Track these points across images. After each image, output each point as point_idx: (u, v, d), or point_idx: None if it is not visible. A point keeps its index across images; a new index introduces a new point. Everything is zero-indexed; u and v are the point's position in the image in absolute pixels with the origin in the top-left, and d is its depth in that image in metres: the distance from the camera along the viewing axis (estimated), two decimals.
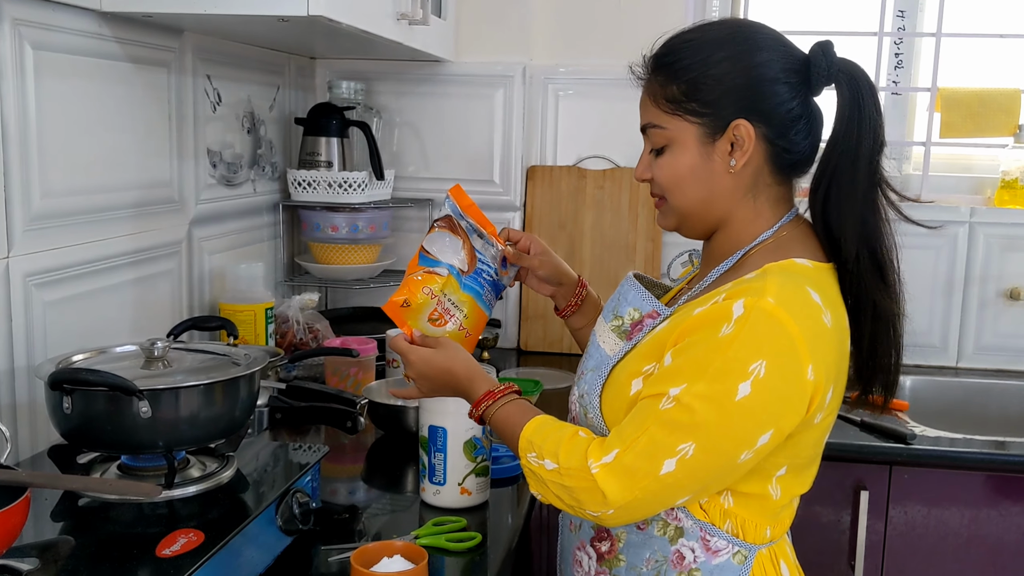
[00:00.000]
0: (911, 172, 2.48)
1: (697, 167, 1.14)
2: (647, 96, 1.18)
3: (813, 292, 1.08)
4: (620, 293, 1.26)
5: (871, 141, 1.12)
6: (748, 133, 1.11)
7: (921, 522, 1.83)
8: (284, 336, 2.05)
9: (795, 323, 1.03)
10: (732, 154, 1.13)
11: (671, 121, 1.14)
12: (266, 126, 2.19)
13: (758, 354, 1.02)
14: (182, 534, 1.07)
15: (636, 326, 1.19)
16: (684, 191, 1.16)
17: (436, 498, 1.42)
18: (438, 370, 1.26)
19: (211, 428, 1.24)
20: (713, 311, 1.06)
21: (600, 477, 1.05)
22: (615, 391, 1.16)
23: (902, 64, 2.46)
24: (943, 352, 2.37)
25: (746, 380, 1.02)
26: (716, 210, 1.17)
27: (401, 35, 1.88)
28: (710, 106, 1.12)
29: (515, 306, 2.44)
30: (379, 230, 2.29)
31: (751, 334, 1.03)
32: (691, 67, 1.13)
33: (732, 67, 1.11)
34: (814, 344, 1.04)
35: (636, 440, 1.05)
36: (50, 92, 1.42)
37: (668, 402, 1.04)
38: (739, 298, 1.05)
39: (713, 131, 1.13)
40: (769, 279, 1.07)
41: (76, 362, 1.26)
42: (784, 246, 1.15)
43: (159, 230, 1.75)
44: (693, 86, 1.12)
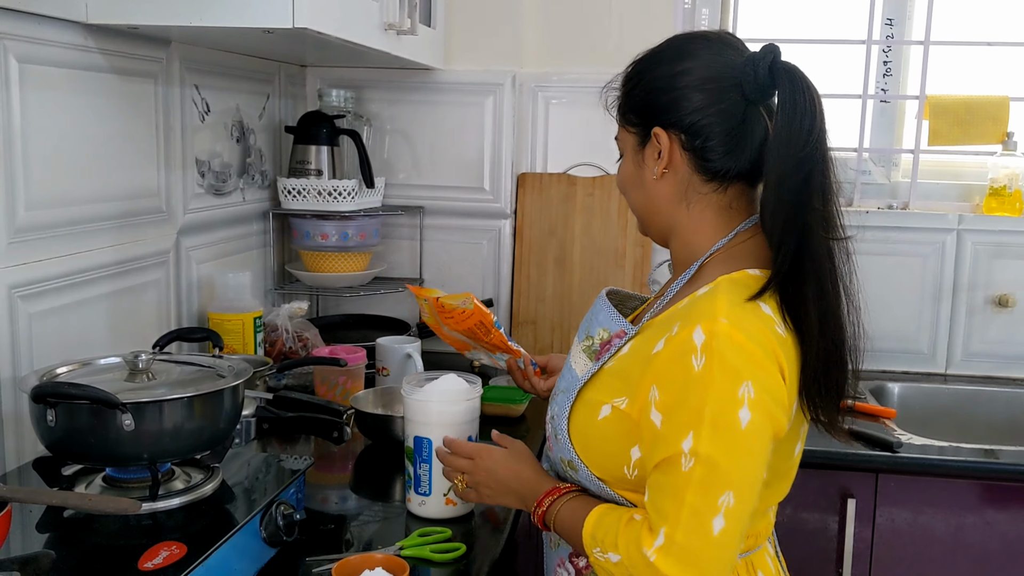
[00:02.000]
0: (900, 179, 2.49)
1: (632, 174, 1.21)
2: (611, 110, 1.26)
3: (763, 304, 1.07)
4: (592, 312, 1.27)
5: (810, 148, 1.06)
6: (664, 141, 1.14)
7: (907, 530, 1.84)
8: (273, 345, 2.06)
9: (749, 341, 1.03)
10: (656, 161, 1.16)
11: (620, 131, 1.23)
12: (255, 135, 2.19)
13: (739, 377, 1.02)
14: (165, 547, 1.08)
15: (605, 346, 1.20)
16: (629, 196, 1.24)
17: (422, 508, 1.43)
18: (511, 473, 1.26)
19: (195, 440, 1.24)
20: (675, 347, 1.05)
21: (659, 563, 1.02)
22: (583, 414, 1.16)
23: (890, 72, 2.46)
24: (931, 359, 2.38)
25: (741, 406, 1.02)
26: (658, 217, 1.21)
27: (389, 45, 1.89)
28: (639, 115, 1.18)
29: (506, 313, 2.44)
30: (369, 238, 2.30)
31: (722, 360, 1.02)
32: (630, 80, 1.20)
33: (658, 77, 1.15)
34: (775, 353, 1.05)
35: (678, 514, 1.02)
36: (35, 105, 1.43)
37: (687, 460, 1.02)
38: (693, 325, 1.04)
39: (642, 140, 1.18)
40: (719, 299, 1.06)
41: (60, 375, 1.26)
42: (738, 256, 1.14)
43: (146, 240, 1.75)
44: (629, 97, 1.19)
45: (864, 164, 2.44)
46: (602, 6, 2.36)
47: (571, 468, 1.18)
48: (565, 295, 2.39)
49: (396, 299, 2.44)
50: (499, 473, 1.27)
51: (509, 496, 1.27)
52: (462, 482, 1.31)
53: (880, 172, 2.48)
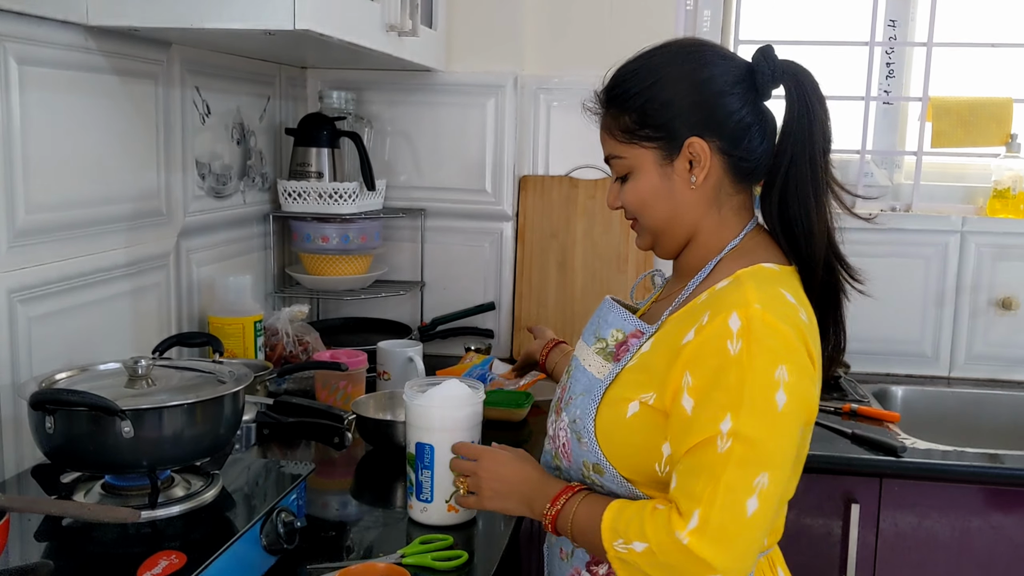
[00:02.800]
0: (903, 181, 2.48)
1: (658, 188, 1.18)
2: (603, 130, 1.22)
3: (786, 293, 1.11)
4: (599, 316, 1.27)
5: (821, 139, 1.15)
6: (703, 149, 1.15)
7: (912, 534, 1.83)
8: (274, 349, 2.04)
9: (783, 323, 1.06)
10: (692, 171, 1.16)
11: (628, 150, 1.19)
12: (256, 137, 2.18)
13: (775, 359, 1.04)
14: (164, 556, 1.07)
15: (621, 347, 1.20)
16: (651, 211, 1.20)
17: (423, 515, 1.41)
18: (517, 474, 1.23)
19: (195, 447, 1.23)
20: (709, 334, 1.07)
21: (694, 545, 1.01)
22: (611, 414, 1.16)
23: (893, 74, 2.46)
24: (935, 362, 2.37)
25: (779, 389, 1.04)
26: (684, 225, 1.20)
27: (390, 46, 1.88)
28: (662, 129, 1.16)
29: (508, 316, 2.43)
30: (370, 240, 2.29)
31: (760, 343, 1.04)
32: (639, 95, 1.16)
33: (679, 88, 1.15)
34: (804, 339, 1.08)
35: (714, 494, 1.02)
36: (35, 106, 1.42)
37: (724, 441, 1.03)
38: (728, 311, 1.06)
39: (669, 152, 1.16)
40: (746, 286, 1.09)
41: (59, 381, 1.25)
42: (750, 252, 1.18)
43: (147, 243, 1.74)
44: (643, 113, 1.16)
45: (867, 166, 2.43)
46: (603, 8, 2.35)
47: (596, 472, 1.17)
48: (567, 300, 2.38)
49: (397, 302, 2.43)
50: (504, 475, 1.24)
51: (513, 499, 1.23)
52: (464, 485, 1.28)
53: (883, 174, 2.47)
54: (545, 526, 1.20)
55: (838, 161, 2.44)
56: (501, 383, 2.03)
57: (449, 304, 2.42)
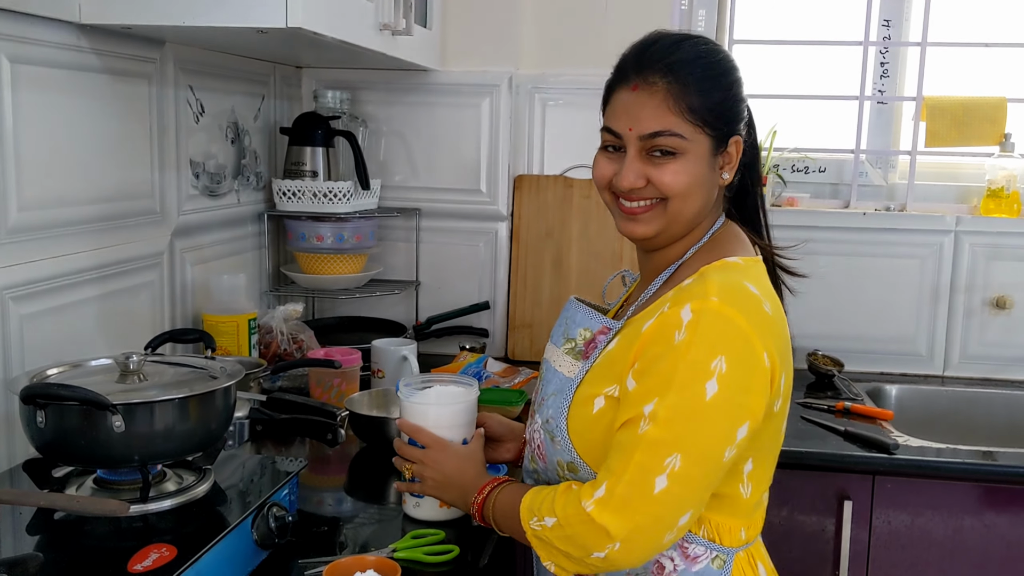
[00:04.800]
0: (897, 181, 2.48)
1: (705, 179, 1.17)
2: (662, 100, 1.14)
3: (750, 285, 1.12)
4: (566, 317, 1.29)
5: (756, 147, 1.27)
6: (739, 146, 1.19)
7: (905, 532, 1.83)
8: (268, 347, 2.05)
9: (741, 315, 1.07)
10: (723, 167, 1.19)
11: (692, 131, 1.15)
12: (251, 136, 2.18)
13: (715, 351, 1.05)
14: (155, 549, 1.07)
15: (589, 344, 1.22)
16: (691, 199, 1.17)
17: (417, 511, 1.41)
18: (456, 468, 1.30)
19: (186, 442, 1.23)
20: (662, 323, 1.09)
21: (596, 513, 1.06)
22: (580, 411, 1.17)
23: (887, 73, 2.46)
24: (929, 361, 2.37)
25: (710, 378, 1.04)
26: (700, 218, 1.21)
27: (384, 45, 1.88)
28: (721, 122, 1.16)
29: (503, 315, 2.44)
30: (365, 240, 2.29)
31: (704, 334, 1.06)
32: (713, 82, 1.16)
33: (734, 86, 1.18)
34: (762, 332, 1.08)
35: (624, 469, 1.06)
36: (27, 105, 1.42)
37: (645, 423, 1.06)
38: (684, 304, 1.08)
39: (719, 146, 1.17)
40: (709, 280, 1.11)
41: (50, 376, 1.25)
42: (717, 247, 1.20)
43: (140, 241, 1.75)
44: (713, 101, 1.15)
45: (861, 166, 2.43)
46: (598, 7, 2.36)
47: (571, 470, 1.18)
48: (562, 298, 2.38)
49: (392, 301, 2.44)
50: (446, 467, 1.30)
51: (452, 491, 1.30)
52: (409, 471, 1.33)
53: (877, 174, 2.48)
54: (473, 515, 1.26)
55: (833, 161, 2.47)
56: (495, 381, 2.03)
57: (444, 303, 2.42)
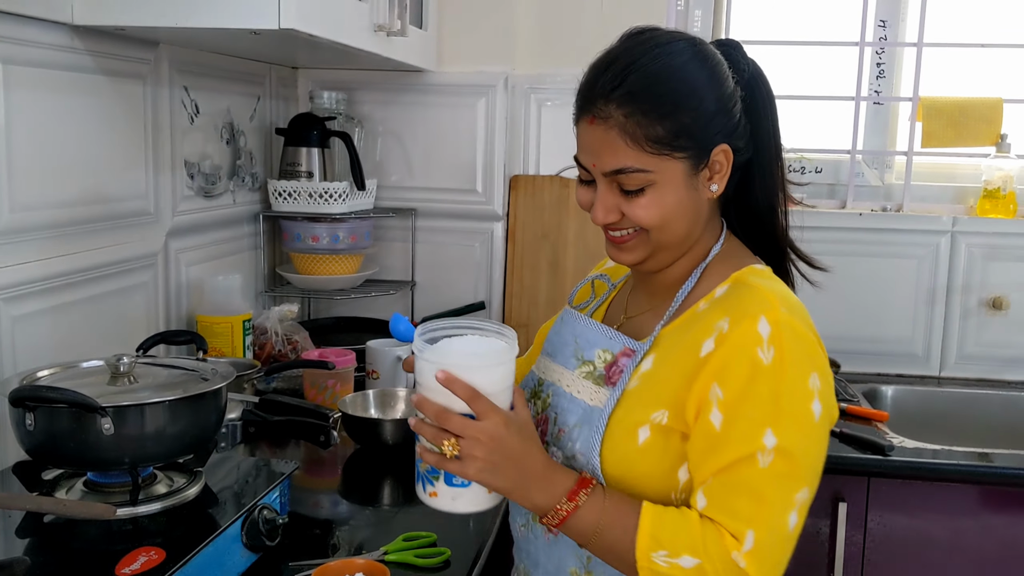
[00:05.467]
0: (893, 182, 2.48)
1: (684, 201, 1.07)
2: (618, 136, 1.03)
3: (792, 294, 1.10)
4: (573, 334, 1.18)
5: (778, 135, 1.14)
6: (727, 155, 1.08)
7: (900, 534, 1.83)
8: (263, 348, 2.05)
9: (806, 325, 1.04)
10: (711, 180, 1.08)
11: (657, 163, 1.04)
12: (246, 137, 2.18)
13: (807, 367, 1.01)
14: (143, 552, 1.07)
15: (612, 368, 1.11)
16: (672, 226, 1.08)
17: (457, 503, 1.05)
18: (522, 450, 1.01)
19: (177, 444, 1.23)
20: (736, 342, 1.01)
21: (751, 569, 0.98)
22: (619, 443, 1.06)
23: (884, 74, 2.46)
24: (925, 362, 2.37)
25: (813, 398, 1.00)
26: (693, 237, 1.12)
27: (379, 46, 1.88)
28: (695, 139, 1.04)
29: (498, 316, 2.43)
30: (360, 240, 2.29)
31: (792, 351, 1.00)
32: (675, 100, 1.03)
33: (706, 92, 1.05)
34: (821, 343, 1.06)
35: (760, 513, 0.99)
36: (20, 106, 1.42)
37: (766, 456, 0.98)
38: (755, 316, 1.01)
39: (698, 163, 1.06)
40: (761, 289, 1.05)
41: (41, 378, 1.25)
42: (734, 254, 1.14)
43: (134, 242, 1.74)
44: (678, 122, 1.03)
45: (857, 166, 2.43)
46: (594, 7, 2.35)
47: None
48: (560, 299, 2.38)
49: (388, 302, 2.43)
50: (510, 446, 0.99)
51: (509, 478, 1.00)
52: (453, 445, 0.99)
53: (873, 174, 2.47)
54: (546, 520, 1.03)
55: (829, 162, 2.46)
56: None
57: (439, 304, 2.42)
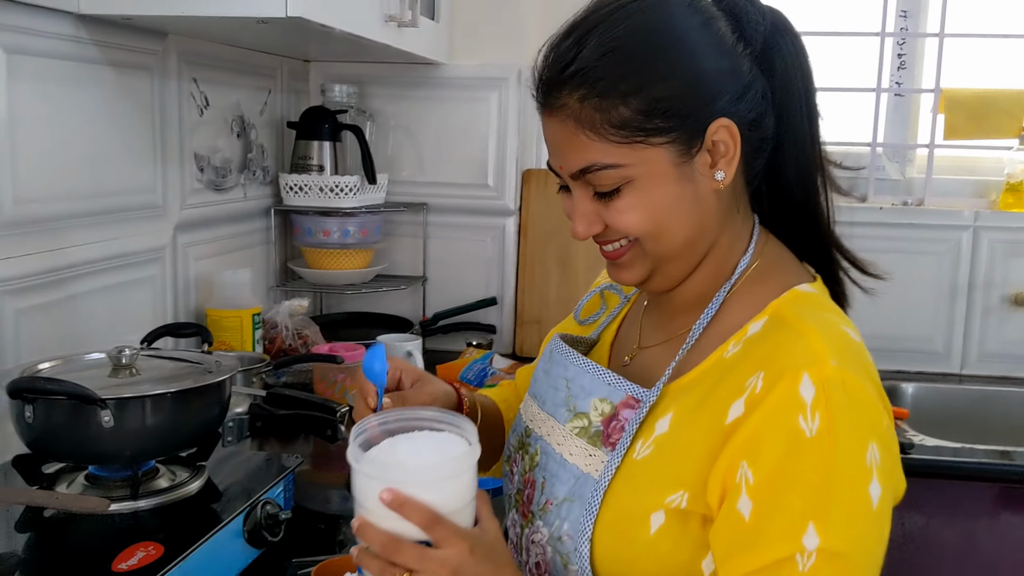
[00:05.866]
0: (915, 175, 2.43)
1: (678, 198, 0.85)
2: (575, 126, 0.85)
3: (847, 329, 0.85)
4: (566, 377, 0.93)
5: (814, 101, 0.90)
6: (731, 132, 0.85)
7: (919, 534, 1.79)
8: (273, 342, 2.03)
9: (866, 380, 0.81)
10: (715, 164, 0.85)
11: (629, 153, 0.83)
12: (257, 130, 2.16)
13: (863, 438, 0.78)
14: (141, 547, 1.05)
15: (611, 423, 0.87)
16: (669, 233, 0.86)
17: None
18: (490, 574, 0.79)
19: (178, 438, 1.22)
20: (773, 408, 0.78)
21: None
22: (621, 531, 0.84)
23: (905, 65, 2.41)
24: (946, 359, 2.32)
25: (871, 479, 0.78)
26: (704, 243, 0.89)
27: (390, 37, 1.86)
28: (677, 115, 0.83)
29: (511, 311, 2.41)
30: (371, 235, 2.27)
31: (843, 418, 0.77)
32: (641, 70, 0.83)
33: (688, 53, 0.83)
34: (882, 391, 0.83)
35: None
36: (25, 97, 1.40)
37: (806, 559, 0.76)
38: (795, 373, 0.78)
39: (688, 145, 0.84)
40: (808, 330, 0.81)
41: (42, 370, 1.24)
42: (771, 270, 0.90)
43: (141, 236, 1.73)
44: (649, 98, 0.82)
45: (878, 159, 2.38)
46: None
47: None
48: (572, 295, 2.35)
49: (399, 297, 2.41)
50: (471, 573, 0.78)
51: None
52: None
53: (894, 168, 2.43)
54: None
55: (849, 155, 2.42)
56: (502, 378, 2.00)
57: (451, 299, 2.39)
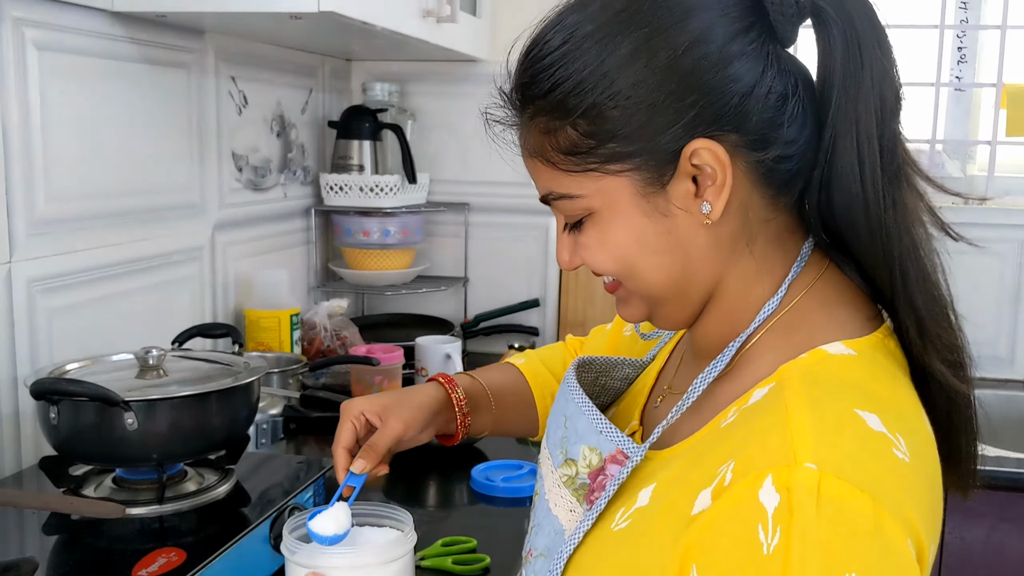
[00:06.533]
0: (976, 173, 2.34)
1: (647, 234, 0.72)
2: (532, 148, 0.75)
3: (867, 414, 0.64)
4: (566, 415, 0.81)
5: (878, 95, 0.70)
6: (716, 155, 0.69)
7: (979, 549, 1.70)
8: (312, 343, 2.01)
9: (859, 493, 0.60)
10: (700, 195, 0.70)
11: (583, 182, 0.72)
12: (297, 129, 2.15)
13: (839, 566, 0.59)
14: (163, 553, 1.02)
15: (597, 477, 0.76)
16: (643, 273, 0.74)
17: None
18: None
19: (206, 440, 1.19)
20: (729, 506, 0.62)
21: None
22: None
23: (965, 59, 2.32)
24: (1009, 365, 2.22)
25: None
26: (698, 284, 0.74)
27: (427, 33, 1.82)
28: (638, 137, 0.69)
29: (553, 313, 2.36)
30: (411, 235, 2.24)
31: (810, 538, 0.59)
32: (586, 86, 0.70)
33: (655, 60, 0.68)
34: (897, 501, 0.62)
35: None
36: (57, 95, 1.39)
37: None
38: (760, 473, 0.61)
39: (658, 172, 0.70)
40: (793, 417, 0.64)
41: (69, 371, 1.22)
42: (802, 320, 0.73)
43: (178, 235, 1.71)
44: (600, 117, 0.70)
45: (938, 157, 2.29)
46: None
47: None
48: None
49: (440, 298, 2.38)
50: None
51: None
52: None
53: (955, 165, 2.33)
54: None
55: None
56: None
57: (493, 300, 2.35)
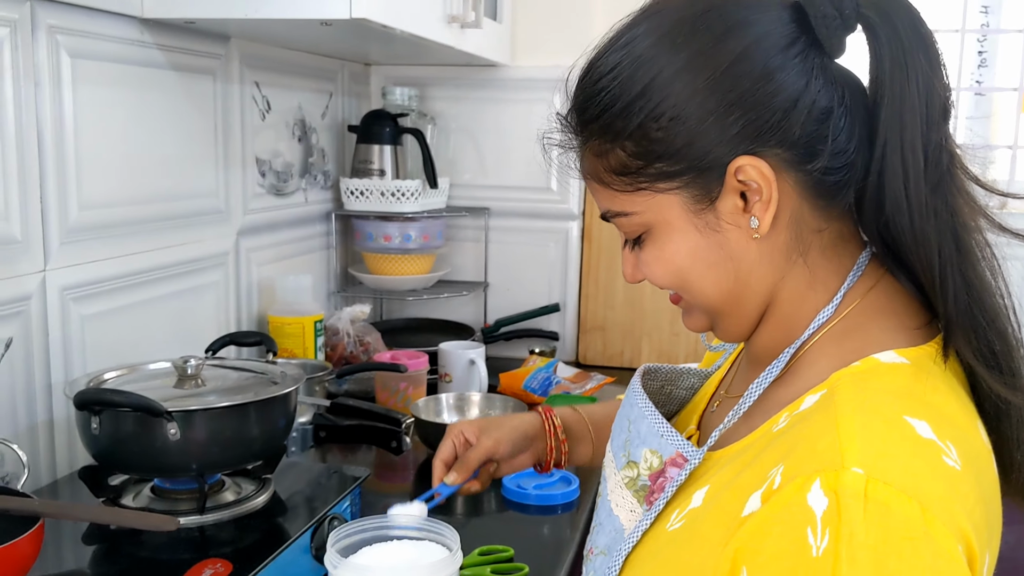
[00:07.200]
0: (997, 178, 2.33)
1: (699, 248, 0.76)
2: (588, 169, 0.79)
3: (916, 421, 0.65)
4: (630, 419, 0.85)
5: (925, 103, 0.70)
6: (760, 171, 0.72)
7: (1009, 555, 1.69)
8: (335, 349, 2.00)
9: (907, 499, 0.61)
10: (748, 210, 0.74)
11: (636, 201, 0.76)
12: (318, 134, 2.14)
13: (885, 571, 0.60)
14: (209, 564, 1.02)
15: (657, 479, 0.78)
16: (699, 287, 0.78)
17: None
18: None
19: (245, 450, 1.18)
20: (778, 509, 0.63)
21: None
22: None
23: (986, 63, 2.32)
24: None
25: None
26: (753, 296, 0.78)
27: (452, 39, 1.82)
28: (683, 156, 0.73)
29: (573, 318, 2.35)
30: (432, 239, 2.23)
31: (859, 541, 0.60)
32: (632, 109, 0.73)
33: (696, 81, 0.72)
34: (948, 507, 0.63)
35: None
36: (89, 101, 1.39)
37: None
38: (809, 476, 0.63)
39: (705, 189, 0.74)
40: (843, 423, 0.65)
41: (107, 380, 1.22)
42: (856, 328, 0.75)
43: (204, 241, 1.71)
44: (645, 138, 0.73)
45: None
46: None
47: None
48: (636, 300, 2.29)
49: (461, 303, 2.37)
50: None
51: None
52: None
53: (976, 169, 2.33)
54: None
55: None
56: (566, 387, 1.95)
57: (513, 305, 2.35)
